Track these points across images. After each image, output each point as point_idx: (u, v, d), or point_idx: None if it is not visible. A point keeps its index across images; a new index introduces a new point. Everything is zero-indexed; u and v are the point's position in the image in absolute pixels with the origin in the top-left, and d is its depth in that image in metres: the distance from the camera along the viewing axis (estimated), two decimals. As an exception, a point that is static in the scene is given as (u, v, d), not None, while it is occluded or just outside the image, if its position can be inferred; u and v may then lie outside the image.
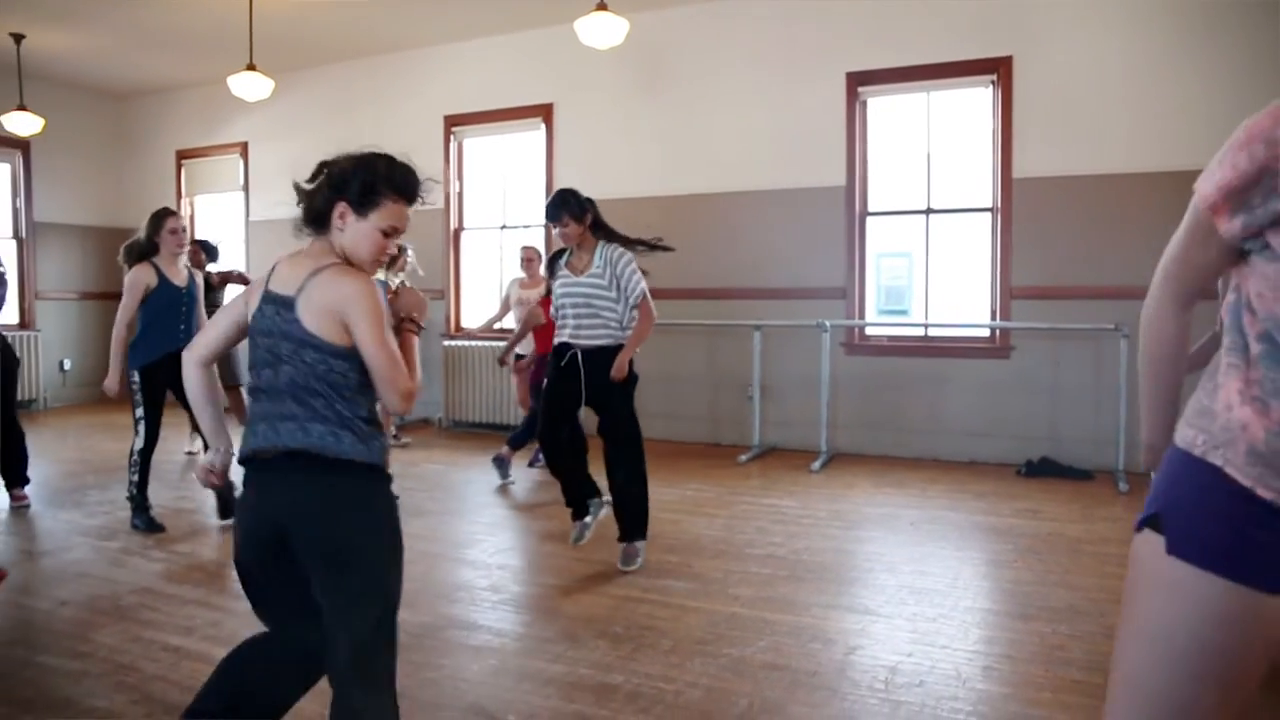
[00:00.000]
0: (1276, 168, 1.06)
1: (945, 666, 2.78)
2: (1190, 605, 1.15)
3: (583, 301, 3.72)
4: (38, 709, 2.51)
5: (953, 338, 6.49)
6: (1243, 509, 1.13)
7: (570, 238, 3.75)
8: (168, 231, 4.48)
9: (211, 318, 2.00)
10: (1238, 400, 1.15)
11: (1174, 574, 1.16)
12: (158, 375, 4.45)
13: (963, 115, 6.43)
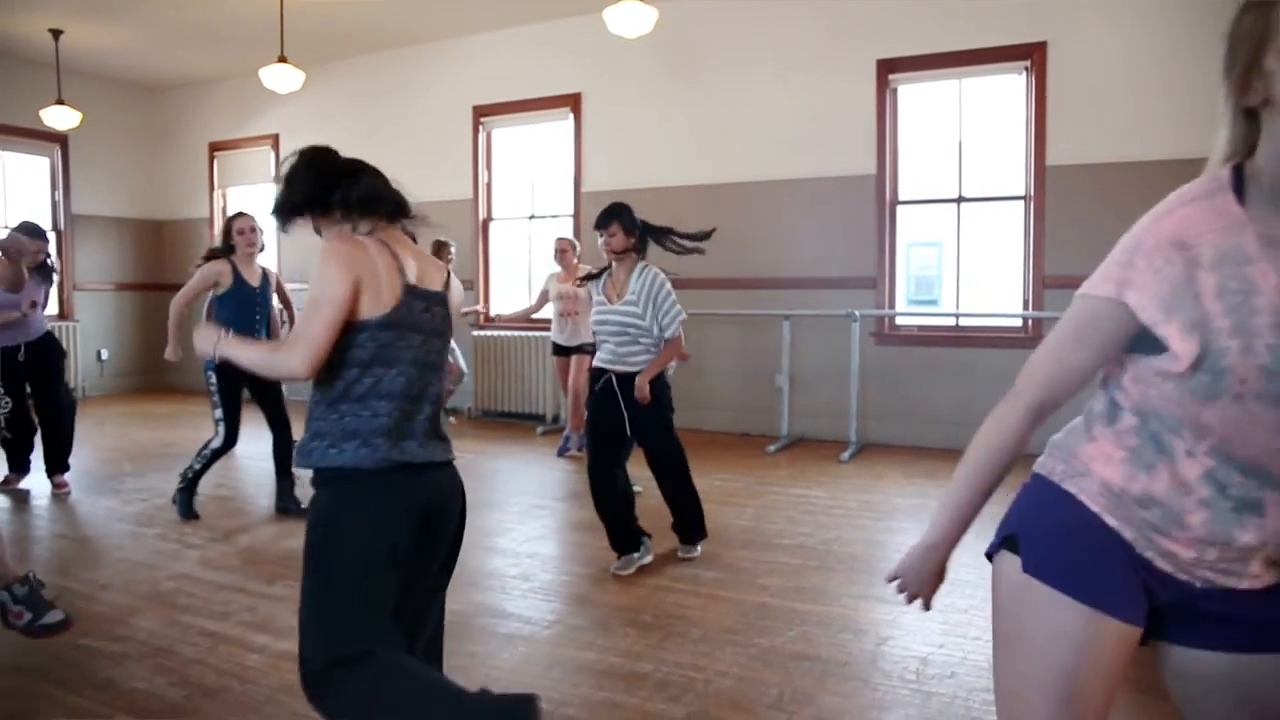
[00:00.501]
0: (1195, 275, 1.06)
1: (977, 658, 2.76)
2: (1043, 624, 1.19)
3: (619, 329, 3.66)
4: (81, 690, 2.57)
5: (984, 327, 6.42)
6: (1094, 537, 1.19)
7: (614, 249, 3.69)
8: (236, 232, 4.52)
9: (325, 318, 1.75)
10: (1102, 460, 1.21)
11: (1029, 594, 1.21)
12: (232, 373, 4.42)
13: (995, 102, 6.34)
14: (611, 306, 3.68)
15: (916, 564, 1.36)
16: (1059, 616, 1.18)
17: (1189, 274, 1.06)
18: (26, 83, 8.57)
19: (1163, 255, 1.08)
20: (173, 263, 10.35)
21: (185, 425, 7.60)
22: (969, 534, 2.60)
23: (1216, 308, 1.05)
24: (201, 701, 2.50)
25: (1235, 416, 1.07)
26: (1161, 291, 1.07)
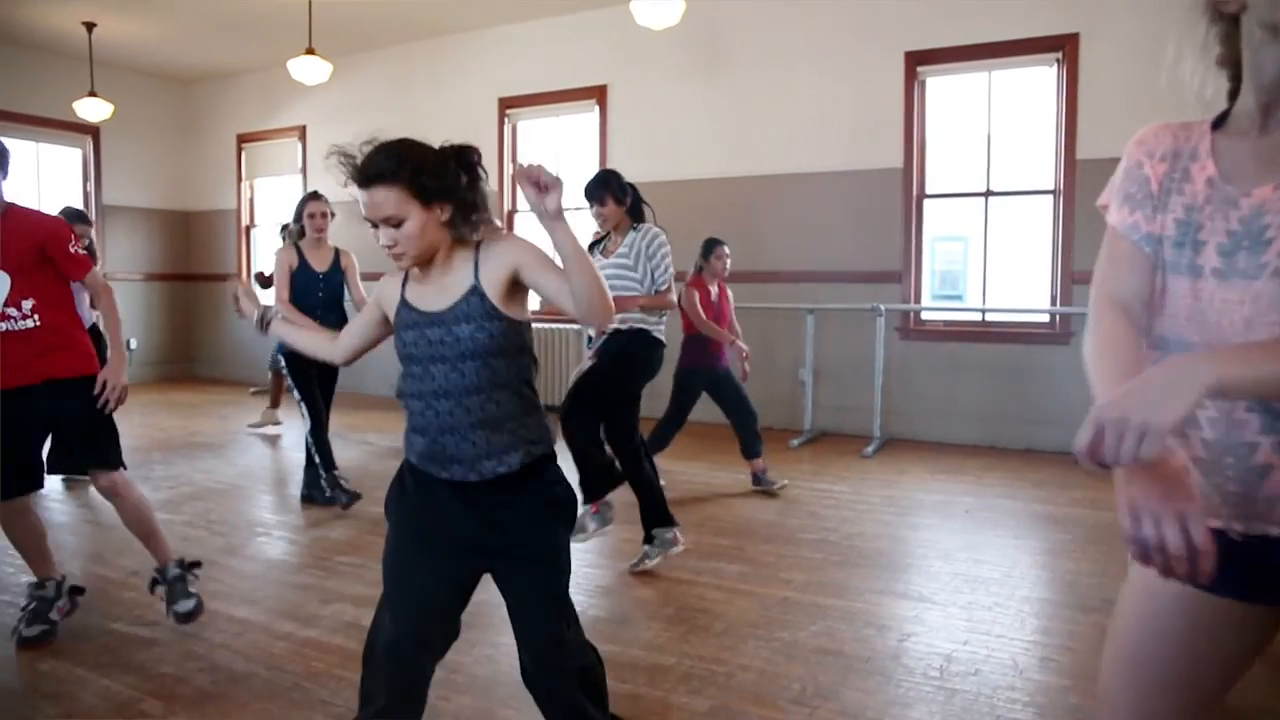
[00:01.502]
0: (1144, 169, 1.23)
1: (1001, 656, 2.74)
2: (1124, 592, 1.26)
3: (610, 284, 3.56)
4: (112, 673, 2.61)
5: (1011, 323, 6.36)
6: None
7: (608, 219, 3.60)
8: (306, 215, 4.52)
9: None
10: None
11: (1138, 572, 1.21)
12: (303, 358, 4.45)
13: (1025, 95, 6.27)
14: (604, 260, 3.59)
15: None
16: (1134, 583, 1.24)
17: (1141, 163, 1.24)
18: (60, 75, 8.69)
19: (1131, 158, 1.26)
20: (200, 253, 10.47)
21: (212, 415, 7.69)
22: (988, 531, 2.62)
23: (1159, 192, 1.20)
24: (228, 686, 2.53)
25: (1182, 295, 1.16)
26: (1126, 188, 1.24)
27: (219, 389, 9.44)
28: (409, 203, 1.70)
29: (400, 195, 1.69)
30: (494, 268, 1.74)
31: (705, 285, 4.88)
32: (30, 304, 2.77)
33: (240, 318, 2.18)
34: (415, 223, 1.71)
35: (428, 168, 1.73)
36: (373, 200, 1.70)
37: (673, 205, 7.18)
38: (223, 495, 4.84)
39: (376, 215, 1.71)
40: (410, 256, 1.74)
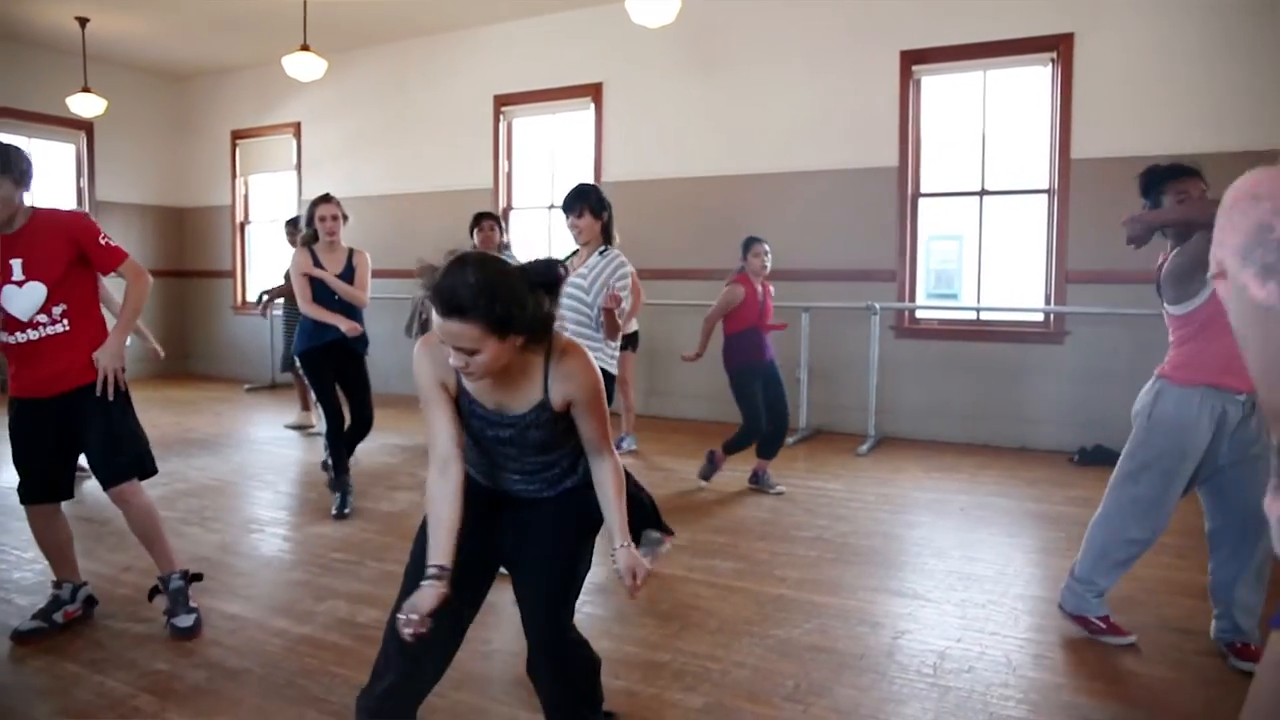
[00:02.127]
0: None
1: (995, 653, 2.75)
2: None
3: (570, 304, 3.32)
4: (107, 670, 2.61)
5: (1006, 322, 6.38)
6: None
7: (582, 233, 3.44)
8: (317, 219, 4.44)
9: None
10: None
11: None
12: (317, 359, 4.42)
13: (1019, 94, 6.28)
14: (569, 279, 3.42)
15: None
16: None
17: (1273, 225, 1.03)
18: (53, 70, 8.66)
19: (1251, 217, 1.05)
20: (194, 249, 10.44)
21: (205, 411, 7.67)
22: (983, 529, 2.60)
23: None
24: (223, 683, 2.53)
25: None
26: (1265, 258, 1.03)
27: (214, 386, 9.42)
28: (486, 338, 1.67)
29: (477, 331, 1.66)
30: (560, 390, 1.83)
31: (751, 283, 4.78)
32: (61, 309, 2.77)
33: None
34: (489, 354, 1.70)
35: (507, 299, 1.67)
36: (448, 330, 1.67)
37: (668, 203, 7.20)
38: (217, 492, 4.83)
39: (452, 344, 1.69)
40: (479, 377, 1.77)
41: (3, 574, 3.46)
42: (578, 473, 1.99)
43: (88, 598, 3.02)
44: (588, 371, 1.83)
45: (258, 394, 8.84)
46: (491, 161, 8.09)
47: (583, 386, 1.83)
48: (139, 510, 2.91)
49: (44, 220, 2.77)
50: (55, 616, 2.90)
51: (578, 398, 1.83)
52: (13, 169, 2.70)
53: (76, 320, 2.80)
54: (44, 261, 2.72)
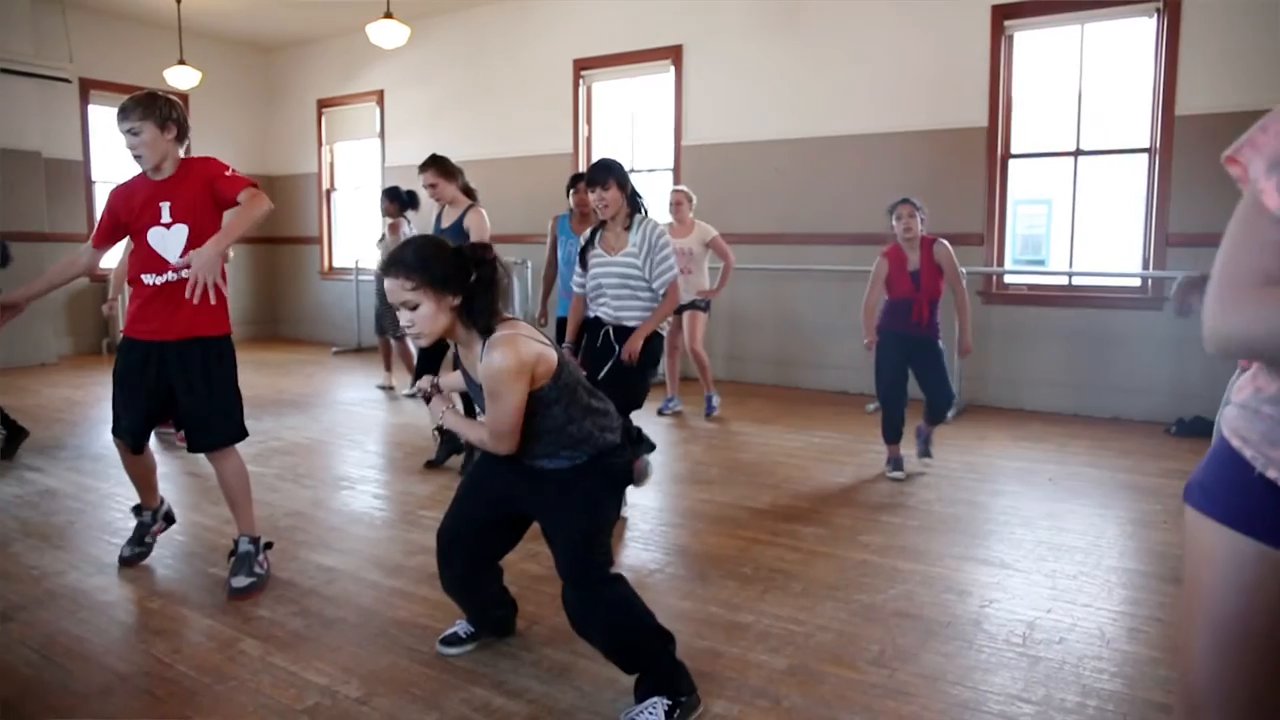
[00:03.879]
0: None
1: (1088, 625, 2.68)
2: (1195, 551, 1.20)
3: (619, 282, 3.49)
4: (213, 614, 2.74)
5: (1099, 287, 6.14)
6: (1231, 463, 1.15)
7: (610, 205, 3.45)
8: (422, 186, 4.59)
9: None
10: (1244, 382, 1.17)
11: (1190, 527, 1.20)
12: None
13: (1121, 48, 5.98)
14: (611, 257, 3.50)
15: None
16: (1205, 539, 1.17)
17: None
18: (151, 45, 8.97)
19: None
20: (283, 217, 10.73)
21: (296, 373, 7.93)
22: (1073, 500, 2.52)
23: None
24: (321, 631, 2.63)
25: None
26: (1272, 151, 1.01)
27: (303, 348, 9.73)
28: (423, 289, 2.03)
29: (414, 282, 2.02)
30: (481, 372, 2.08)
31: (899, 254, 4.36)
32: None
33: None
34: (428, 309, 2.05)
35: (444, 259, 2.06)
36: (390, 288, 2.04)
37: (748, 166, 7.11)
38: (308, 450, 5.01)
39: (397, 300, 2.04)
40: (425, 338, 2.09)
41: (118, 523, 3.65)
42: (574, 448, 2.19)
43: (166, 513, 3.29)
44: (496, 363, 2.02)
45: (345, 357, 9.10)
46: (571, 126, 8.10)
47: (486, 376, 2.05)
48: (230, 471, 3.03)
49: (188, 165, 2.90)
50: (146, 539, 3.19)
51: (484, 383, 2.07)
52: (157, 115, 2.81)
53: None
54: (188, 204, 2.85)
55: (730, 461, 4.68)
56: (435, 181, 4.53)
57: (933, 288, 4.31)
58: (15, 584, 2.98)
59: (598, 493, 2.22)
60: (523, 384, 2.06)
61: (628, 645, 2.13)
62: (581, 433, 2.17)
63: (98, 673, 2.35)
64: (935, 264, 4.31)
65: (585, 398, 2.20)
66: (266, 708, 2.17)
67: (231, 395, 3.03)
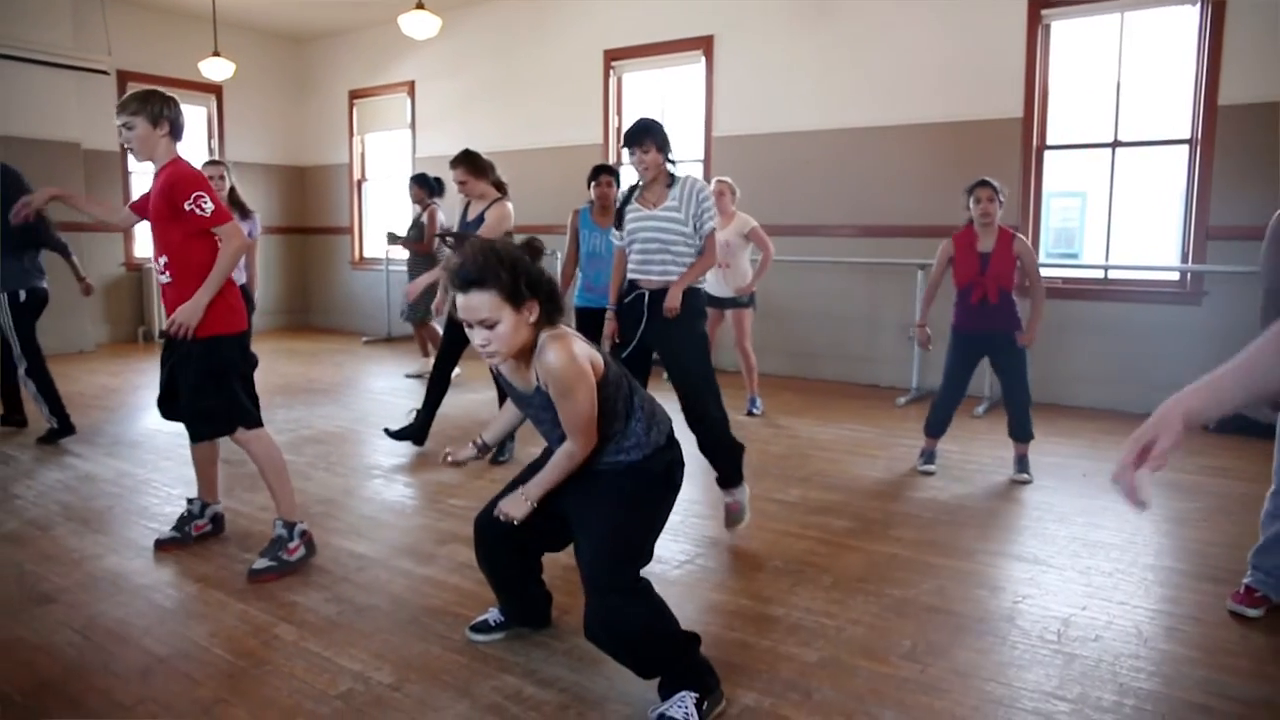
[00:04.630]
0: None
1: (1124, 623, 2.65)
2: None
3: (653, 236, 3.36)
4: (248, 599, 2.78)
5: (1135, 281, 6.04)
6: None
7: (650, 168, 3.39)
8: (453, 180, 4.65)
9: None
10: None
11: None
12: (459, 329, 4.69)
13: (1162, 37, 5.86)
14: (650, 212, 3.39)
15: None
16: None
17: None
18: (186, 37, 9.07)
19: None
20: (315, 207, 10.84)
21: (326, 362, 8.01)
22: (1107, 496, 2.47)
23: None
24: (354, 617, 2.66)
25: None
26: None
27: (333, 338, 9.82)
28: (502, 306, 1.93)
29: (494, 299, 1.92)
30: (540, 376, 2.04)
31: (968, 235, 4.26)
32: (164, 261, 2.94)
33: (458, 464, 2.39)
34: (509, 325, 1.95)
35: (512, 264, 1.94)
36: (468, 305, 1.94)
37: (779, 158, 7.07)
38: (340, 439, 5.06)
39: (473, 318, 1.94)
40: (503, 356, 2.01)
41: (155, 508, 3.72)
42: (625, 451, 2.17)
43: (215, 516, 3.35)
44: (558, 361, 1.97)
45: (375, 346, 9.17)
46: (602, 117, 8.09)
47: (552, 376, 1.99)
48: (256, 455, 3.08)
49: (169, 168, 2.93)
50: (187, 529, 3.26)
51: (551, 385, 2.02)
52: (150, 111, 2.88)
53: (177, 274, 2.92)
54: (155, 208, 2.92)
55: (760, 454, 4.66)
56: (465, 179, 4.53)
57: (1003, 274, 4.16)
58: (58, 566, 3.04)
59: (639, 495, 2.18)
60: (589, 373, 2.03)
61: (648, 659, 2.09)
62: (630, 431, 2.17)
63: (137, 654, 2.40)
64: (1013, 254, 4.18)
65: (632, 396, 2.19)
66: (301, 692, 2.20)
67: (213, 399, 2.98)
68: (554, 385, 2.01)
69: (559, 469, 2.13)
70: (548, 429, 2.22)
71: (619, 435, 2.16)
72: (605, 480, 2.18)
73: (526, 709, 2.13)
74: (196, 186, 2.86)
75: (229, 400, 3.00)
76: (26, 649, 2.43)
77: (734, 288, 5.58)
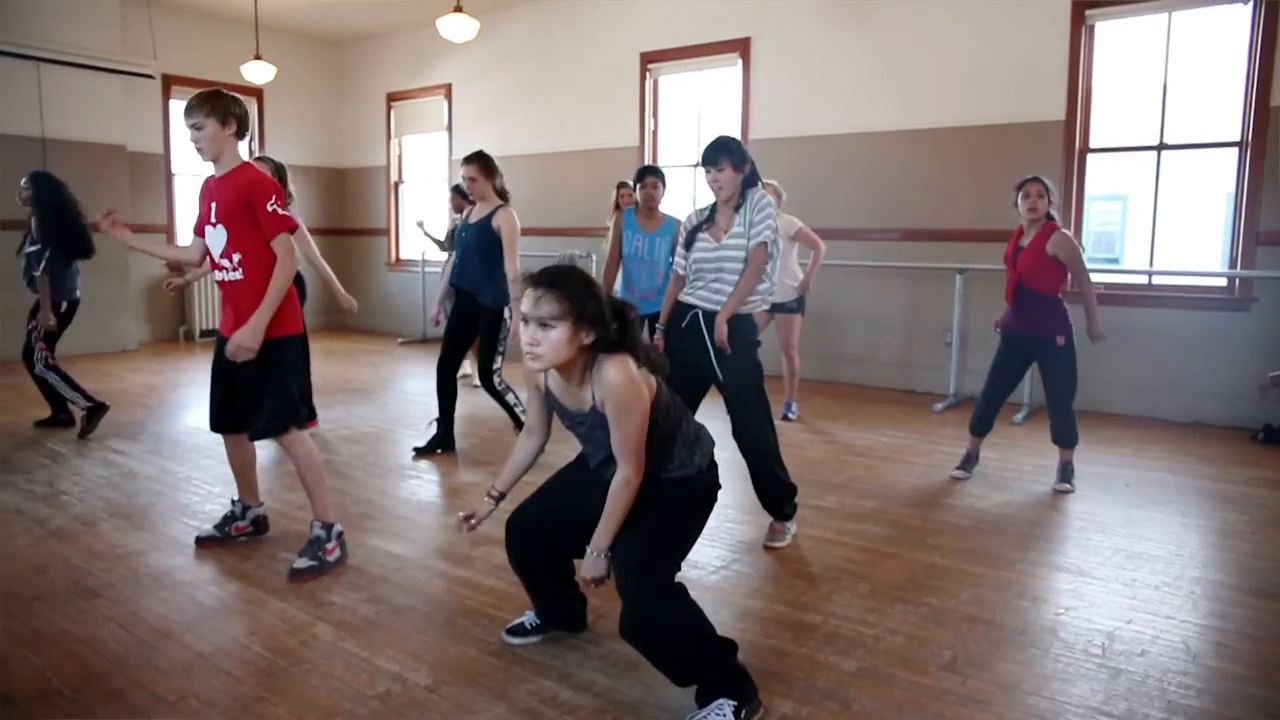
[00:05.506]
0: None
1: (1171, 638, 2.58)
2: None
3: (714, 267, 3.26)
4: (287, 597, 2.81)
5: (1180, 286, 5.92)
6: None
7: (724, 187, 3.23)
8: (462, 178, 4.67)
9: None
10: None
11: None
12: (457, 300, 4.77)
13: (1211, 37, 5.73)
14: (714, 244, 3.27)
15: None
16: None
17: None
18: (229, 41, 9.22)
19: None
20: (353, 208, 10.96)
21: (363, 362, 8.08)
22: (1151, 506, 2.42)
23: None
24: (391, 618, 2.67)
25: None
26: None
27: (369, 339, 9.91)
28: (564, 316, 1.97)
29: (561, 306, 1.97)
30: (598, 394, 2.07)
31: (1017, 233, 4.20)
32: (238, 258, 2.96)
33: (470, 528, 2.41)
34: (561, 333, 1.98)
35: (595, 295, 2.02)
36: (535, 297, 1.98)
37: (816, 161, 7.02)
38: (376, 439, 5.10)
39: (534, 314, 1.98)
40: (545, 362, 2.03)
41: (195, 505, 3.77)
42: (667, 472, 2.18)
43: (256, 518, 3.38)
44: (618, 379, 2.01)
45: (411, 347, 9.24)
46: (638, 120, 8.08)
47: (610, 393, 2.02)
48: (297, 457, 3.09)
49: (239, 170, 2.96)
50: (227, 529, 3.31)
51: (607, 404, 2.04)
52: (217, 110, 2.91)
53: (250, 271, 2.96)
54: (227, 209, 2.93)
55: (796, 458, 4.59)
56: (476, 176, 4.53)
57: (1030, 272, 4.06)
58: (102, 562, 3.09)
59: (675, 504, 2.19)
60: (645, 394, 2.06)
61: (683, 662, 2.08)
62: (674, 454, 2.18)
63: (180, 650, 2.43)
64: (1048, 252, 4.02)
65: (680, 421, 2.20)
66: (339, 692, 2.21)
67: (285, 389, 3.02)
68: (611, 404, 2.03)
69: (619, 504, 2.10)
70: (594, 450, 2.23)
71: (663, 458, 2.17)
72: (643, 489, 2.16)
73: (562, 713, 2.13)
74: (275, 190, 2.96)
75: (289, 399, 3.05)
76: (73, 642, 2.47)
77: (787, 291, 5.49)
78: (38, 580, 2.92)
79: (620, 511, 2.10)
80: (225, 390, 3.12)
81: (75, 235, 4.91)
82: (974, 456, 4.39)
